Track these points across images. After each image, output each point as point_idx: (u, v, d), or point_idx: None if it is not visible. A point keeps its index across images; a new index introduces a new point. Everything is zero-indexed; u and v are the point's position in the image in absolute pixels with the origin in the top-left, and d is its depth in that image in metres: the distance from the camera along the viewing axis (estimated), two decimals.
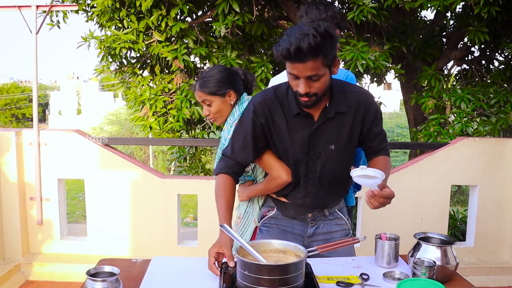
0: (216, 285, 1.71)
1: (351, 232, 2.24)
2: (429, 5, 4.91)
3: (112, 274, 1.63)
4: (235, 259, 1.72)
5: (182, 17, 5.66)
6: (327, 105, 1.93)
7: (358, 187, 2.62)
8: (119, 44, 5.09)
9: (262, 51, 6.56)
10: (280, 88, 2.00)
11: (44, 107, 45.82)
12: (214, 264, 1.83)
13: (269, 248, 1.80)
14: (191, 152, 6.37)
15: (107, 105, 38.01)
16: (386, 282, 1.81)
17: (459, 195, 16.60)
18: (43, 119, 42.88)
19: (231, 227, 1.89)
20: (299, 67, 1.74)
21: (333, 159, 1.99)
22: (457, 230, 5.81)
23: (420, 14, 7.38)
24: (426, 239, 1.96)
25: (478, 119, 5.38)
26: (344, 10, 6.50)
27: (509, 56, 5.97)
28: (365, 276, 1.84)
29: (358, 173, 1.71)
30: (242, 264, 1.60)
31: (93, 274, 1.63)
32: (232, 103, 2.36)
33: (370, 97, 2.02)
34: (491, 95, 5.55)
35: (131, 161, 4.10)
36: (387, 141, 2.13)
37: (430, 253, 1.85)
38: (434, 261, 1.77)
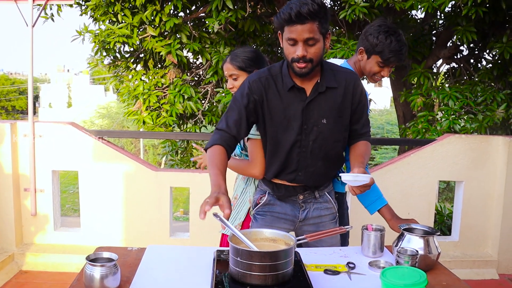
0: (210, 272, 1.80)
1: (337, 215, 2.37)
2: (419, 6, 5.01)
3: (110, 260, 1.71)
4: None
5: (176, 12, 5.71)
6: (319, 80, 2.08)
7: None
8: (113, 38, 5.14)
9: (255, 47, 6.63)
10: (274, 67, 2.14)
11: (34, 99, 45.49)
12: (205, 212, 1.78)
13: (260, 236, 1.88)
14: (182, 146, 6.45)
15: (98, 98, 37.89)
16: (371, 270, 1.90)
17: (448, 192, 16.79)
18: (33, 111, 42.56)
19: (225, 188, 1.91)
20: (298, 30, 1.90)
21: (325, 133, 2.11)
22: (443, 226, 5.92)
23: (410, 13, 7.48)
24: (410, 229, 2.06)
25: (465, 117, 5.48)
26: (336, 8, 6.58)
27: (497, 56, 6.07)
28: (351, 265, 1.92)
29: (348, 178, 1.91)
30: (234, 251, 1.68)
31: (92, 260, 1.70)
32: None
33: (358, 78, 2.20)
34: (479, 93, 5.66)
35: (125, 154, 4.16)
36: (370, 126, 2.30)
37: (414, 243, 1.93)
38: (416, 250, 1.86)
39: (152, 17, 5.23)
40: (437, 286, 1.78)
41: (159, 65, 6.13)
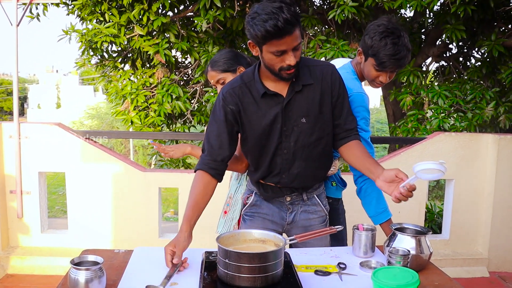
0: (198, 274, 1.76)
1: (327, 218, 2.30)
2: (408, 4, 5.01)
3: (95, 263, 1.67)
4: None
5: (164, 11, 5.66)
6: (293, 80, 1.99)
7: (344, 184, 2.63)
8: (100, 38, 5.09)
9: (244, 46, 6.59)
10: (247, 73, 2.07)
11: (22, 100, 45.16)
12: (171, 261, 1.83)
13: (249, 237, 1.85)
14: None
15: (87, 99, 37.65)
16: (362, 271, 1.87)
17: (438, 190, 16.87)
18: (21, 112, 42.26)
19: (192, 227, 2.02)
20: (288, 40, 1.79)
21: (306, 132, 2.03)
22: (434, 224, 5.92)
23: (399, 12, 7.48)
24: (402, 229, 2.03)
25: (454, 115, 5.49)
26: (325, 7, 6.56)
27: (485, 54, 6.09)
28: (342, 265, 1.90)
29: (422, 167, 1.90)
30: (223, 253, 1.65)
31: (77, 263, 1.66)
32: None
33: (334, 69, 2.07)
34: (468, 91, 5.67)
35: (113, 155, 4.11)
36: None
37: (405, 243, 1.91)
38: (408, 250, 1.83)
39: (140, 16, 5.18)
40: (429, 286, 1.75)
41: (147, 65, 6.08)
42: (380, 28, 2.19)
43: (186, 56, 5.97)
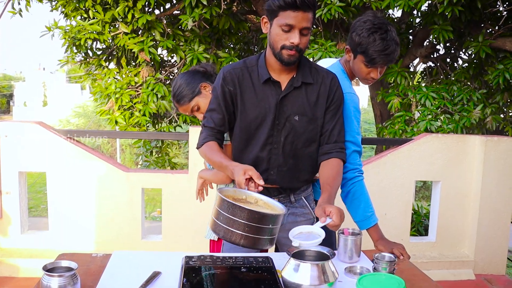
0: (177, 281, 1.69)
1: (315, 221, 2.25)
2: (395, 4, 4.98)
3: (69, 269, 1.60)
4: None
5: (149, 9, 5.58)
6: (295, 75, 2.02)
7: None
8: (84, 35, 4.99)
9: (232, 46, 6.54)
10: (250, 59, 2.09)
11: (8, 98, 44.66)
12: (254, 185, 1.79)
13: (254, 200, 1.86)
14: (157, 146, 6.31)
15: (74, 97, 37.30)
16: (348, 277, 1.82)
17: (424, 190, 16.93)
18: (7, 110, 41.82)
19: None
20: (299, 17, 1.86)
21: (297, 131, 2.04)
22: (420, 226, 5.91)
23: (387, 12, 7.46)
24: (300, 253, 1.70)
25: (442, 117, 5.48)
26: None
27: (473, 55, 6.09)
28: None
29: (297, 232, 1.76)
30: (221, 202, 1.67)
31: (50, 269, 1.59)
32: (210, 92, 2.43)
33: (336, 78, 2.12)
34: (455, 93, 5.67)
35: (95, 154, 4.02)
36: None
37: (302, 271, 1.60)
38: (395, 256, 1.78)
39: (125, 14, 5.09)
40: None
41: (133, 63, 6.00)
42: (367, 24, 2.18)
43: (172, 55, 5.88)
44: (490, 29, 5.92)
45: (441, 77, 6.95)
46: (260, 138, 2.05)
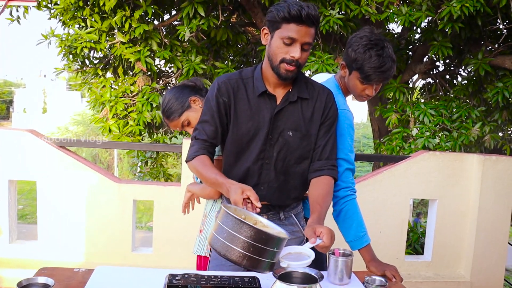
0: None
1: (305, 239, 2.18)
2: (395, 19, 4.95)
3: (45, 286, 1.53)
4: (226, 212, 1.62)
5: (148, 19, 5.55)
6: (290, 90, 1.98)
7: None
8: (80, 43, 4.95)
9: (231, 58, 6.50)
10: (246, 70, 2.04)
11: (8, 104, 44.63)
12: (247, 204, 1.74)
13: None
14: (152, 157, 6.25)
15: (73, 105, 37.27)
16: None
17: (422, 206, 16.82)
18: (7, 116, 41.75)
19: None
20: (302, 31, 1.83)
21: (290, 146, 1.99)
22: (417, 243, 5.83)
23: (388, 27, 7.44)
24: (287, 275, 1.62)
25: (440, 134, 5.43)
26: None
27: (472, 72, 6.06)
28: None
29: (285, 252, 1.68)
30: (225, 217, 1.58)
31: (25, 286, 1.53)
32: (200, 105, 2.38)
33: (331, 94, 2.08)
34: (454, 109, 5.63)
35: (87, 164, 3.96)
36: (336, 159, 2.10)
37: None
38: (385, 280, 1.72)
39: (122, 23, 5.05)
40: None
41: (130, 73, 5.95)
42: (363, 40, 2.13)
43: (169, 65, 5.83)
44: (490, 47, 5.90)
45: (440, 93, 6.91)
46: (252, 152, 1.99)
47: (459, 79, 7.32)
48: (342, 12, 5.00)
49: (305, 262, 1.61)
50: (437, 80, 7.02)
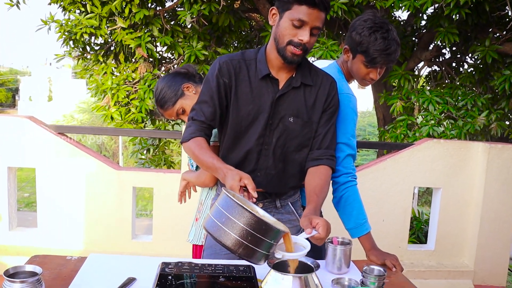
0: (152, 286, 1.58)
1: (301, 228, 2.13)
2: (400, 5, 4.86)
3: (33, 274, 1.49)
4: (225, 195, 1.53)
5: (149, 4, 5.47)
6: (294, 75, 1.92)
7: None
8: (80, 29, 4.89)
9: (234, 44, 6.42)
10: (249, 52, 1.97)
11: (14, 92, 44.70)
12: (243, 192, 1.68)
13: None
14: (154, 144, 6.20)
15: (79, 92, 37.26)
16: None
17: (427, 195, 16.75)
18: (12, 104, 41.83)
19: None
20: (313, 14, 1.77)
21: (290, 133, 1.94)
22: (420, 232, 5.78)
23: (393, 14, 7.33)
24: (281, 265, 1.60)
25: (445, 122, 5.35)
26: None
27: (478, 60, 5.96)
28: None
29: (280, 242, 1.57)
30: (224, 201, 1.50)
31: (12, 274, 1.48)
32: (194, 92, 2.31)
33: (335, 80, 2.02)
34: (459, 97, 5.54)
35: (86, 151, 3.92)
36: (334, 150, 2.04)
37: (284, 284, 1.52)
38: (385, 270, 1.67)
39: (122, 8, 4.97)
40: None
41: (131, 60, 5.88)
42: (368, 23, 2.08)
43: (171, 51, 5.76)
44: (498, 34, 5.79)
45: (446, 81, 6.82)
46: (251, 137, 1.93)
47: (466, 66, 7.22)
48: None
49: (300, 253, 1.55)
50: (443, 68, 6.93)
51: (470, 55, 6.65)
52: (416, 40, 6.98)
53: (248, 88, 1.90)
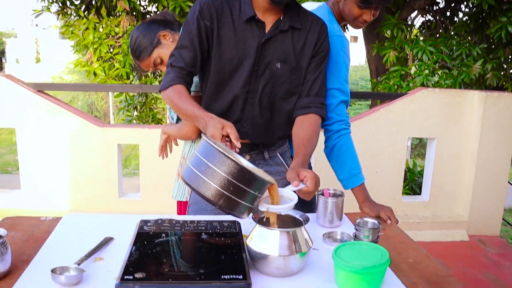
0: (129, 245, 1.47)
1: None
2: None
3: None
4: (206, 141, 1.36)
5: None
6: (281, 18, 1.76)
7: None
8: None
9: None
10: None
11: (0, 55, 43.91)
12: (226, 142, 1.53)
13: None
14: (141, 101, 6.02)
15: (67, 53, 36.71)
16: (326, 244, 1.60)
17: (420, 148, 16.77)
18: None
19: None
20: None
21: (277, 80, 1.80)
22: (414, 184, 5.73)
23: None
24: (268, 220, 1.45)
25: (439, 72, 5.22)
26: None
27: (474, 8, 5.76)
28: None
29: (265, 195, 1.42)
30: (204, 148, 1.34)
31: None
32: (171, 40, 2.14)
33: (325, 24, 1.86)
34: (454, 47, 5.39)
35: (68, 109, 3.77)
36: (324, 98, 1.90)
37: (270, 239, 1.37)
38: (379, 223, 1.56)
39: None
40: (402, 264, 1.48)
41: (114, 14, 5.64)
42: None
43: (153, 3, 5.51)
44: None
45: (440, 31, 6.63)
46: (235, 84, 1.79)
47: (460, 15, 7.02)
48: None
49: (287, 206, 1.42)
50: (437, 17, 6.74)
51: (465, 3, 6.45)
52: None
53: (232, 31, 1.74)
